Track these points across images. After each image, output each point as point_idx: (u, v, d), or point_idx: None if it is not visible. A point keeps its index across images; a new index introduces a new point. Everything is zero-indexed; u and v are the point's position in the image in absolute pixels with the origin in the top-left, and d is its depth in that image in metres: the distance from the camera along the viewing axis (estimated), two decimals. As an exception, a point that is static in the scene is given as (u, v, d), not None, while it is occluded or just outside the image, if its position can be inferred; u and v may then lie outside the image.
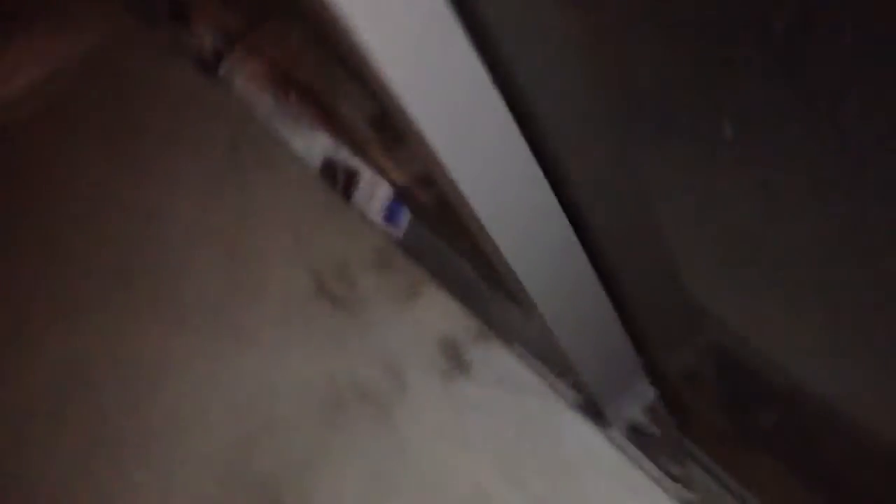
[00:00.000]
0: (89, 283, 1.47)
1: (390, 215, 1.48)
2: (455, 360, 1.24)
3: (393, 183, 1.50)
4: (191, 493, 1.25)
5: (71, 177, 1.61)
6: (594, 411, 1.14)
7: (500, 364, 1.21)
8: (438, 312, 1.28)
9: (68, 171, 1.61)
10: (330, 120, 1.58)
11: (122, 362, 1.39)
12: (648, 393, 1.12)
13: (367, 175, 1.52)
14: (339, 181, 1.53)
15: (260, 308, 1.37)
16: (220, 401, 1.31)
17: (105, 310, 1.45)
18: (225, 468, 1.26)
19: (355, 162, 1.53)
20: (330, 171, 1.55)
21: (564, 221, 0.93)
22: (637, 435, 1.13)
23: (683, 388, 1.14)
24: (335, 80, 1.53)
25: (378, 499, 1.16)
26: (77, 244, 1.53)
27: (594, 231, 0.97)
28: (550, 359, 1.24)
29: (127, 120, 1.63)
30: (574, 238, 0.95)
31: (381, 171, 1.51)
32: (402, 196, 1.50)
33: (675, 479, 1.08)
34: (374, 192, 1.51)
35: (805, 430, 1.03)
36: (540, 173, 0.86)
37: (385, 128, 1.49)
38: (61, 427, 1.36)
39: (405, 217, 1.46)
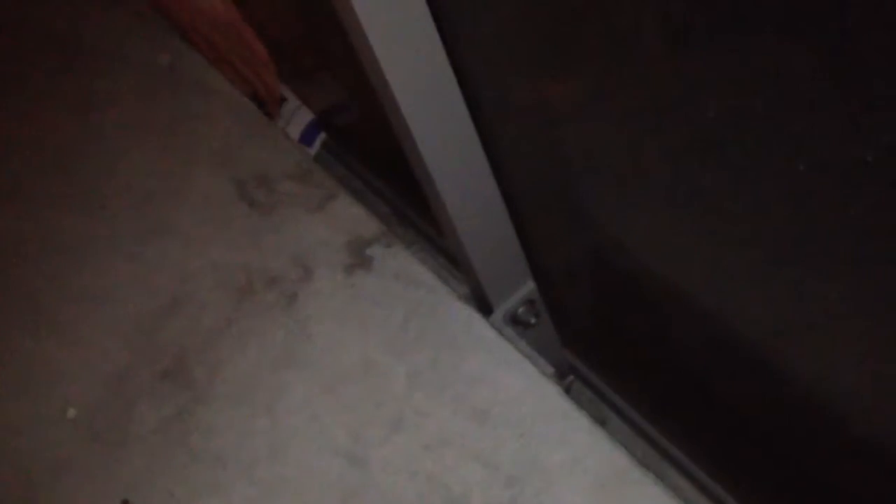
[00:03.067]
0: (21, 161, 1.57)
1: (306, 137, 1.62)
2: (358, 256, 1.37)
3: (312, 109, 1.64)
4: (101, 356, 1.34)
5: (20, 77, 1.70)
6: (480, 301, 1.28)
7: (398, 261, 1.35)
8: (347, 218, 1.42)
9: (19, 70, 1.71)
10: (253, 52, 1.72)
11: (47, 241, 1.48)
12: (530, 287, 1.27)
13: (291, 101, 1.66)
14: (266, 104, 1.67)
15: (184, 204, 1.48)
16: (135, 279, 1.42)
17: (38, 193, 1.54)
18: (135, 335, 1.36)
19: (281, 88, 1.66)
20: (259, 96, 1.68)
21: (467, 116, 1.08)
22: (515, 323, 1.28)
23: (561, 285, 1.29)
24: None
25: (278, 367, 1.28)
26: (21, 133, 1.62)
27: (491, 128, 1.12)
28: (444, 257, 1.39)
29: (77, 42, 1.74)
30: (475, 134, 1.10)
31: (303, 98, 1.65)
32: (319, 121, 1.65)
33: (545, 360, 1.22)
34: (295, 116, 1.65)
35: (669, 337, 1.17)
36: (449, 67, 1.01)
37: (301, 56, 1.63)
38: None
39: (319, 140, 1.61)
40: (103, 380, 1.33)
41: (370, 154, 1.55)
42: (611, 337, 1.33)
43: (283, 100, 1.68)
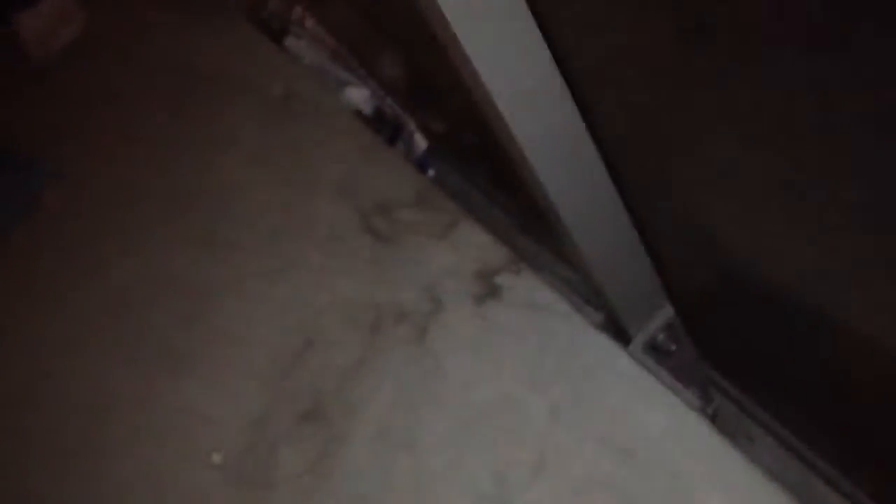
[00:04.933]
0: (149, 205, 1.60)
1: (423, 164, 1.61)
2: (487, 285, 1.35)
3: (429, 134, 1.62)
4: (241, 399, 1.36)
5: (139, 118, 1.74)
6: (616, 329, 1.24)
7: (529, 289, 1.32)
8: (473, 245, 1.39)
9: (141, 111, 1.74)
10: (375, 76, 1.70)
11: (175, 281, 1.51)
12: (668, 312, 1.22)
13: (409, 126, 1.64)
14: (385, 130, 1.65)
15: (309, 236, 1.49)
16: (268, 319, 1.43)
17: (165, 237, 1.57)
18: (271, 379, 1.37)
19: (400, 114, 1.65)
20: (378, 120, 1.67)
21: (592, 147, 1.04)
22: (655, 351, 1.23)
23: (700, 308, 1.24)
24: (374, 41, 1.64)
25: (413, 404, 1.27)
26: (142, 171, 1.65)
27: (619, 155, 1.07)
28: (576, 283, 1.35)
29: (187, 67, 1.76)
30: (600, 161, 1.06)
31: (420, 125, 1.63)
32: (435, 147, 1.62)
33: (690, 390, 1.18)
34: (414, 142, 1.64)
35: (812, 349, 1.12)
36: (569, 95, 0.97)
37: (419, 88, 1.61)
38: (119, 338, 1.48)
39: (436, 166, 1.59)
40: (245, 423, 1.35)
41: (491, 173, 1.52)
42: (753, 352, 1.27)
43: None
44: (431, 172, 1.58)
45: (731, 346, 1.25)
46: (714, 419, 1.20)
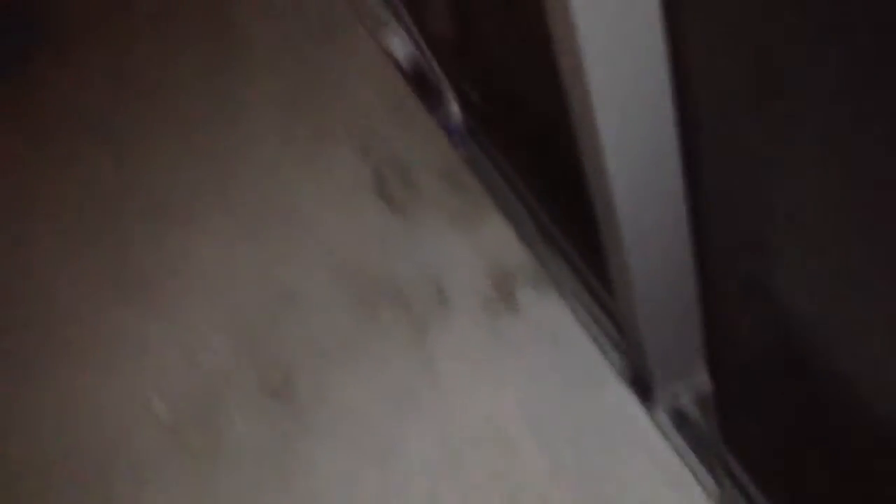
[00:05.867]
0: (138, 97, 1.42)
1: (454, 137, 1.44)
2: (504, 293, 1.20)
3: (467, 106, 1.45)
4: (202, 347, 1.21)
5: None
6: (642, 386, 1.11)
7: (548, 310, 1.18)
8: (496, 241, 1.24)
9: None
10: (419, 25, 1.53)
11: (154, 189, 1.34)
12: (702, 379, 1.10)
13: (446, 92, 1.47)
14: (420, 89, 1.48)
15: (316, 186, 1.32)
16: (251, 263, 1.27)
17: (149, 128, 1.39)
18: (243, 333, 1.21)
19: (438, 75, 1.48)
20: (414, 74, 1.50)
21: (680, 176, 0.91)
22: (682, 423, 1.11)
23: (741, 386, 1.12)
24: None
25: (395, 410, 1.13)
26: (138, 58, 1.46)
27: (701, 195, 0.95)
28: (604, 321, 1.21)
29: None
30: (683, 196, 0.93)
31: (458, 94, 1.46)
32: (471, 122, 1.46)
33: (704, 468, 1.06)
34: (449, 111, 1.47)
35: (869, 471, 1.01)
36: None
37: (468, 51, 1.44)
38: (76, 242, 1.31)
39: (468, 144, 1.44)
40: (199, 377, 1.19)
41: (532, 164, 1.36)
42: (790, 452, 1.15)
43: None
44: (461, 149, 1.42)
45: (766, 438, 1.13)
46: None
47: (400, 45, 1.49)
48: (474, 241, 1.25)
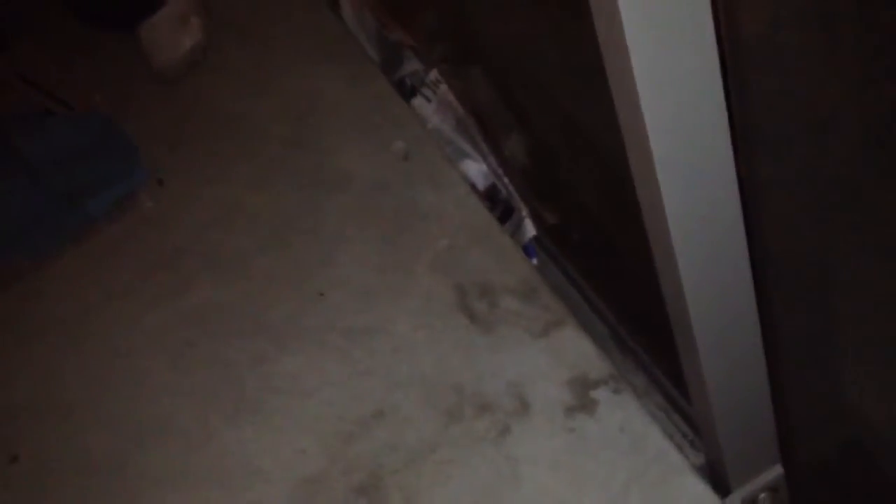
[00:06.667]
0: (244, 234, 1.54)
1: (529, 251, 1.53)
2: (581, 397, 1.25)
3: (540, 223, 1.54)
4: (298, 455, 1.28)
5: (253, 145, 1.69)
6: (716, 478, 1.14)
7: (626, 413, 1.22)
8: (573, 351, 1.30)
9: (254, 138, 1.70)
10: (497, 153, 1.64)
11: (258, 321, 1.44)
12: (776, 472, 1.12)
13: (521, 210, 1.57)
14: (497, 208, 1.58)
15: (401, 304, 1.41)
16: (342, 379, 1.35)
17: (255, 268, 1.51)
18: (331, 442, 1.28)
19: (514, 195, 1.58)
20: (491, 196, 1.60)
21: (750, 283, 0.96)
22: (755, 513, 1.12)
23: (815, 480, 1.13)
24: (504, 120, 1.58)
25: (478, 508, 1.17)
26: (248, 202, 1.60)
27: (769, 299, 0.99)
28: (678, 417, 1.25)
29: (313, 116, 1.72)
30: (753, 297, 0.98)
31: (532, 212, 1.56)
32: (544, 237, 1.55)
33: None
34: (523, 227, 1.56)
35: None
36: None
37: (540, 175, 1.54)
38: (185, 364, 1.41)
39: (541, 257, 1.52)
40: (293, 483, 1.26)
41: (608, 281, 1.44)
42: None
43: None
44: (535, 261, 1.50)
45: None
46: None
47: (478, 170, 1.60)
48: (553, 354, 1.31)
